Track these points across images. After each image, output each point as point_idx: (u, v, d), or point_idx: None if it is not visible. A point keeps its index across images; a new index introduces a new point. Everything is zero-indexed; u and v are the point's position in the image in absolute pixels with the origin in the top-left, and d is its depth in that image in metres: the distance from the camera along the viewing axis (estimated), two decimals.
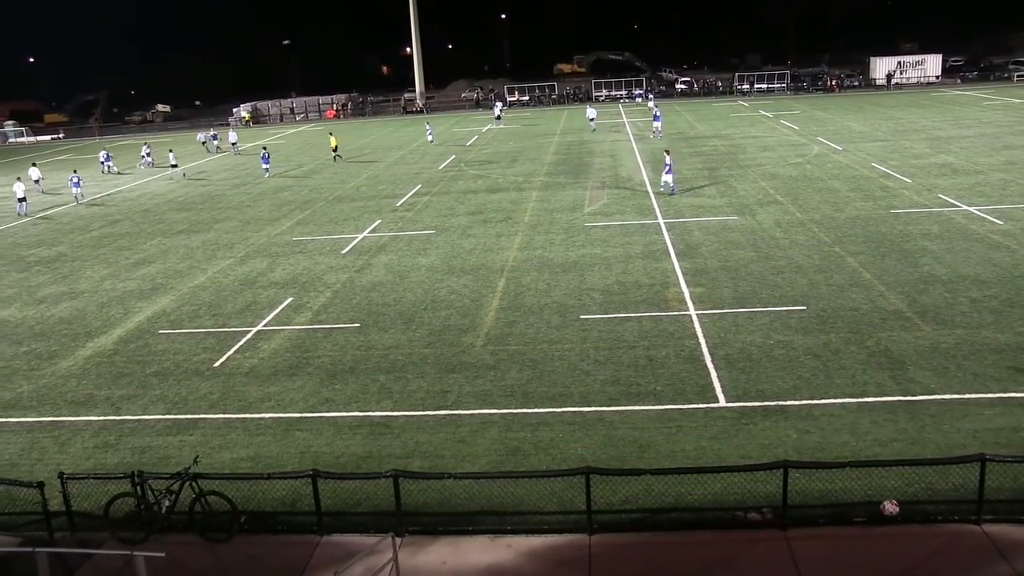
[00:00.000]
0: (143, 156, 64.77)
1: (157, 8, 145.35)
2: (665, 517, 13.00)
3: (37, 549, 11.07)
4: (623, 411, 16.67)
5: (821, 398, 16.63)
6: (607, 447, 15.29)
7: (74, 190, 48.41)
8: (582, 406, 17.01)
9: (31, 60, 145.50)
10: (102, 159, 63.62)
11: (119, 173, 60.95)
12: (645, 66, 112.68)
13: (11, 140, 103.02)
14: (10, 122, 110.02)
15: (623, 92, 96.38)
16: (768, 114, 69.02)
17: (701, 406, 16.63)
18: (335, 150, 57.42)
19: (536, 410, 17.00)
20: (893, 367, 17.78)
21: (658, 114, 59.19)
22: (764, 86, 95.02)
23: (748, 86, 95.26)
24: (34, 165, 55.58)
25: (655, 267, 26.15)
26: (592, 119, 64.98)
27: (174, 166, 57.59)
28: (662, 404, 16.82)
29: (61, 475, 14.07)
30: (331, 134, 58.30)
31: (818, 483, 13.15)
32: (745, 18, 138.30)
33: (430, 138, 64.38)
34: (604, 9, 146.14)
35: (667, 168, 37.12)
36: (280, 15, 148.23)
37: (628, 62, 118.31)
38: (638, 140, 55.49)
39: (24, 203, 45.49)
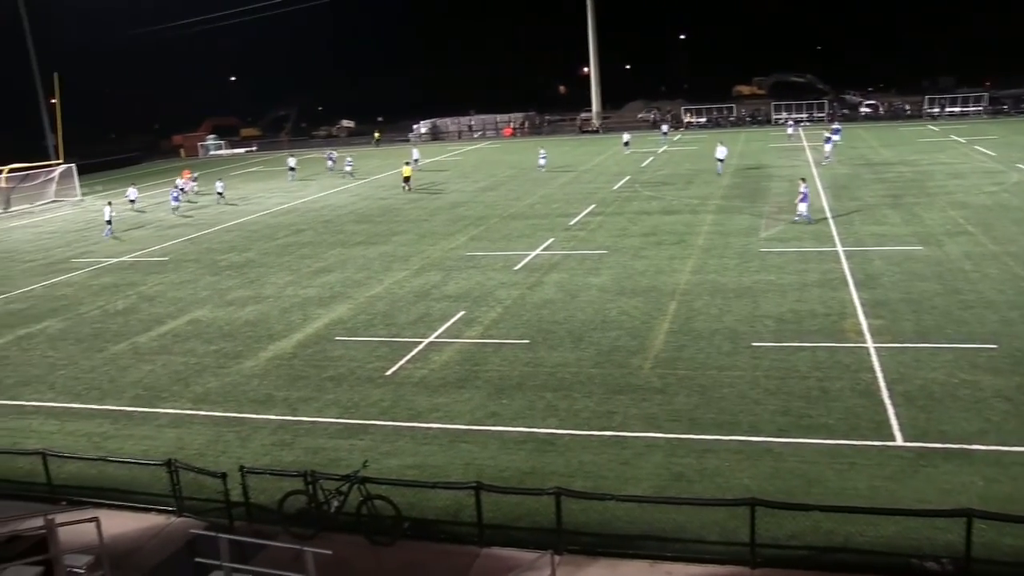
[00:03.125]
0: (328, 160, 73.39)
1: (346, 29, 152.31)
2: (833, 557, 12.49)
3: (220, 535, 11.77)
4: (792, 443, 16.21)
5: (1013, 445, 15.54)
6: (774, 479, 14.90)
7: (174, 198, 54.09)
8: (750, 435, 16.66)
9: (232, 79, 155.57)
10: (291, 165, 70.76)
11: (303, 180, 64.42)
12: (828, 88, 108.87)
13: (211, 153, 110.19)
14: (211, 136, 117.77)
15: (804, 116, 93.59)
16: (960, 139, 65.40)
17: (876, 443, 15.96)
18: (406, 180, 55.91)
19: (702, 436, 16.77)
20: None
21: (831, 136, 56.56)
22: (957, 109, 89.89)
23: (939, 109, 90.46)
24: (133, 185, 58.81)
25: (832, 296, 25.30)
26: (720, 159, 54.27)
27: (350, 173, 65.21)
28: (834, 438, 16.25)
29: (242, 468, 14.94)
30: (407, 164, 58.14)
31: (1007, 538, 12.30)
32: (938, 38, 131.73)
33: (628, 150, 68.31)
34: (787, 30, 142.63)
35: (802, 196, 35.90)
36: (460, 35, 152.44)
37: (810, 84, 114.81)
38: (818, 165, 53.77)
39: (110, 227, 46.61)
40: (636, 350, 21.89)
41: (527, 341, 23.22)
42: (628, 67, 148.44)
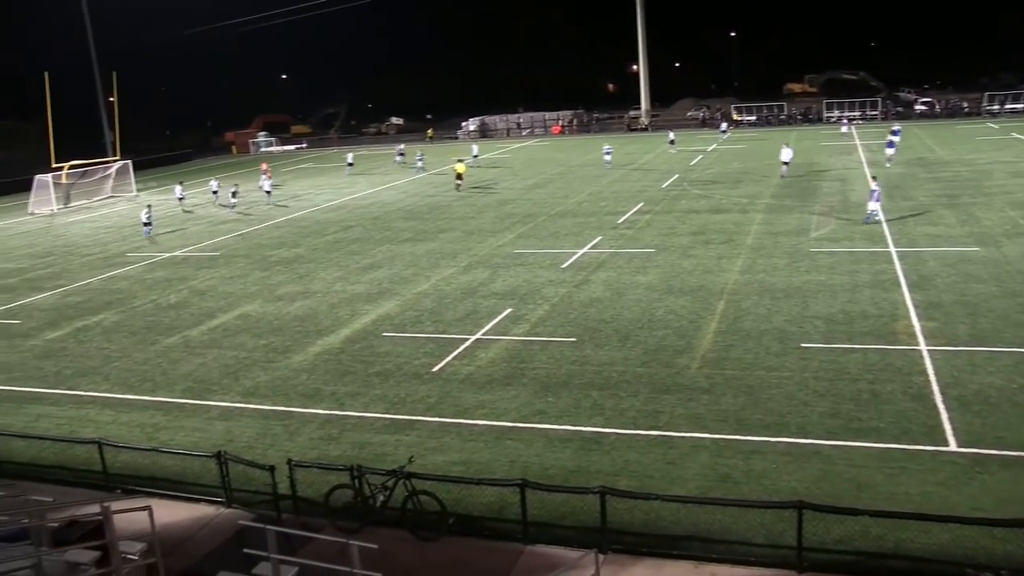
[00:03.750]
0: (398, 155, 75.43)
1: (395, 27, 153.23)
2: (882, 563, 12.32)
3: (268, 526, 11.93)
4: (841, 446, 16.00)
5: None
6: (822, 482, 14.72)
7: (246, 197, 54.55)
8: (798, 437, 16.48)
9: (284, 77, 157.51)
10: (349, 160, 73.02)
11: (367, 174, 65.07)
12: (881, 86, 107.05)
13: (262, 149, 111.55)
14: (262, 133, 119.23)
15: (856, 113, 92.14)
16: (1021, 137, 64.05)
17: (928, 448, 15.69)
18: (459, 178, 55.18)
19: (749, 438, 16.63)
20: None
21: (892, 139, 54.81)
22: (1020, 106, 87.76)
23: (999, 106, 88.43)
24: (180, 184, 59.04)
25: (883, 297, 24.92)
26: (786, 162, 50.58)
27: (420, 167, 66.10)
28: (884, 442, 16.01)
29: (289, 461, 15.14)
30: (460, 161, 57.51)
31: None
32: (998, 34, 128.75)
33: (673, 149, 68.73)
34: (839, 27, 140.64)
35: (873, 195, 35.28)
36: (510, 32, 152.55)
37: (863, 82, 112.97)
38: (871, 165, 52.95)
39: (148, 228, 45.91)
40: (683, 349, 21.77)
41: (574, 339, 23.20)
42: (677, 65, 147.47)
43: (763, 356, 20.87)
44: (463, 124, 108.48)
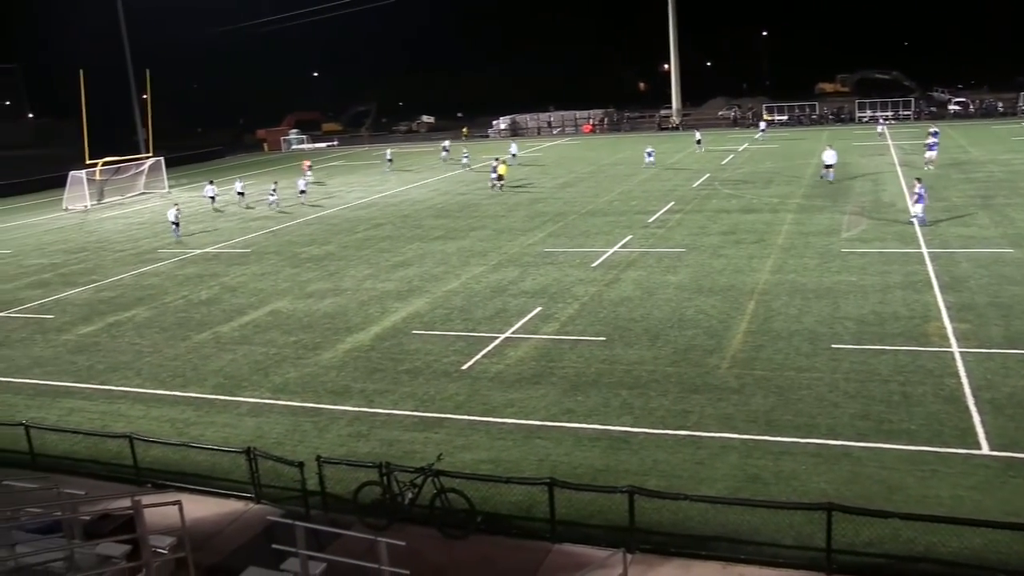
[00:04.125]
0: (443, 151, 76.93)
1: (426, 26, 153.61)
2: (913, 567, 12.18)
3: (297, 522, 12.00)
4: (872, 448, 15.85)
5: None
6: (852, 484, 14.59)
7: (270, 198, 53.32)
8: (828, 438, 16.35)
9: (315, 75, 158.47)
10: (388, 156, 74.20)
11: (405, 170, 65.32)
12: (914, 86, 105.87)
13: (294, 147, 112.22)
14: (294, 131, 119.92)
15: (889, 113, 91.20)
16: None
17: (960, 451, 15.50)
18: (500, 178, 54.22)
19: (779, 438, 16.51)
20: None
21: (932, 142, 52.71)
22: None
23: None
24: (211, 182, 58.11)
25: (915, 299, 24.65)
26: (830, 165, 48.03)
27: (466, 164, 66.81)
28: (916, 444, 15.84)
29: (319, 458, 15.22)
30: (503, 162, 56.78)
31: None
32: None
33: (700, 149, 68.35)
34: (872, 26, 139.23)
35: (918, 197, 34.73)
36: (540, 30, 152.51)
37: (896, 81, 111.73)
38: (903, 165, 52.41)
39: (177, 227, 45.10)
40: (713, 349, 21.66)
41: (603, 338, 23.15)
42: (709, 64, 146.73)
43: (793, 357, 20.73)
44: (494, 123, 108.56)
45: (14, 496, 13.75)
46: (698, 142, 70.80)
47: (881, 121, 78.72)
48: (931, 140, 52.98)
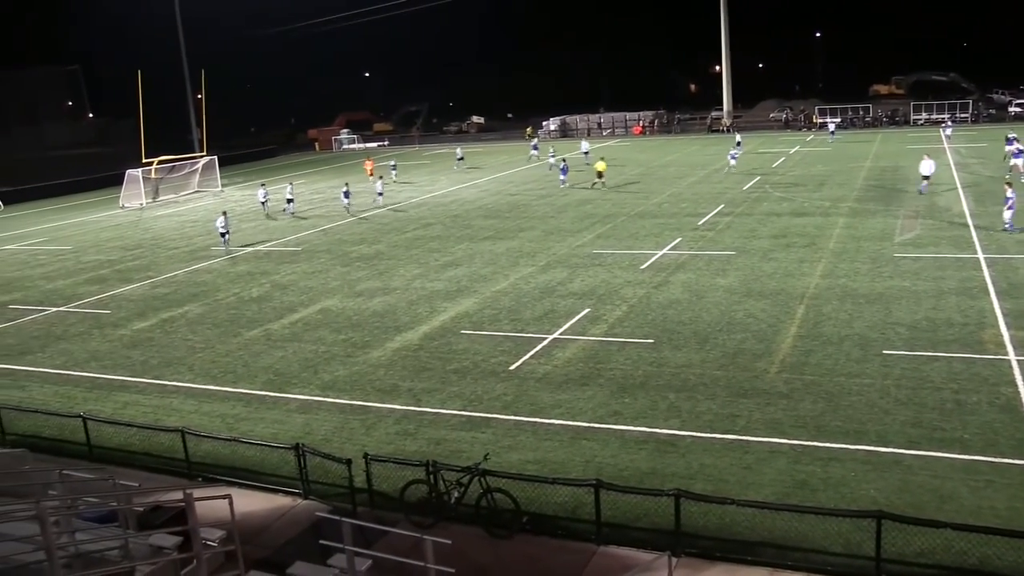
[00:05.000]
0: (533, 149, 76.08)
1: (477, 26, 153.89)
2: None
3: (344, 519, 12.13)
4: (923, 456, 15.61)
5: None
6: (902, 492, 14.39)
7: (344, 200, 51.00)
8: (878, 446, 16.13)
9: (366, 75, 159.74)
10: (459, 155, 74.67)
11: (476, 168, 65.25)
12: (973, 88, 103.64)
13: (344, 147, 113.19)
14: (345, 130, 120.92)
15: (946, 116, 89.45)
16: None
17: (1017, 462, 15.18)
18: (600, 176, 53.98)
19: (828, 444, 16.33)
20: None
21: (1019, 148, 48.79)
22: None
23: None
24: (263, 185, 57.14)
25: (970, 305, 24.20)
26: (927, 176, 43.92)
27: (554, 162, 63.75)
28: (969, 454, 15.56)
29: (366, 455, 15.37)
30: (602, 159, 56.78)
31: None
32: None
33: (740, 149, 64.48)
34: (930, 27, 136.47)
35: (1008, 202, 33.58)
36: (592, 32, 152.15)
37: (954, 83, 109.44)
38: (959, 169, 51.45)
39: (226, 238, 42.24)
40: (762, 353, 21.47)
41: (651, 341, 23.06)
42: (760, 66, 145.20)
43: (843, 362, 20.47)
44: (544, 123, 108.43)
45: (74, 485, 14.09)
46: (738, 144, 66.89)
47: (949, 124, 76.56)
48: (1018, 146, 50.25)
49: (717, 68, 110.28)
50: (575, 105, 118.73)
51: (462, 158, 74.19)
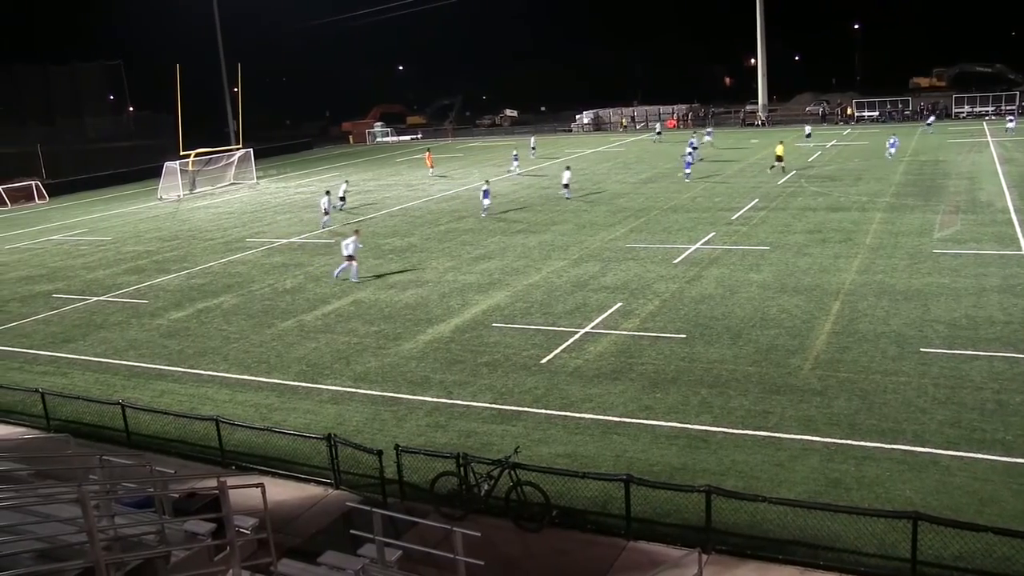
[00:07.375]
0: (655, 134, 79.15)
1: (510, 18, 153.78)
2: None
3: (374, 509, 12.18)
4: (962, 457, 15.36)
5: None
6: (940, 494, 14.17)
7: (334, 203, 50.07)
8: (915, 445, 15.91)
9: (400, 68, 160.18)
10: (532, 144, 77.61)
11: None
12: (1020, 79, 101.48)
13: (379, 140, 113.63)
14: (379, 123, 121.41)
15: (990, 108, 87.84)
16: None
17: None
18: (779, 159, 52.59)
19: (862, 443, 16.14)
20: None
21: None
22: None
23: None
24: (346, 182, 56.42)
25: (1013, 303, 23.78)
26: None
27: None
28: (1011, 456, 15.27)
29: (397, 447, 15.43)
30: (781, 142, 55.80)
31: None
32: None
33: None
34: (973, 16, 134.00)
35: None
36: (626, 25, 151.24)
37: (999, 75, 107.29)
38: (1003, 162, 50.61)
39: (353, 265, 39.91)
40: (796, 350, 21.27)
41: (684, 336, 22.92)
42: (797, 58, 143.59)
43: (879, 359, 20.22)
44: (577, 117, 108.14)
45: (113, 471, 14.30)
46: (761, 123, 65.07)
47: (1011, 118, 73.84)
48: None
49: (753, 60, 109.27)
50: (608, 98, 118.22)
51: (535, 148, 76.50)
